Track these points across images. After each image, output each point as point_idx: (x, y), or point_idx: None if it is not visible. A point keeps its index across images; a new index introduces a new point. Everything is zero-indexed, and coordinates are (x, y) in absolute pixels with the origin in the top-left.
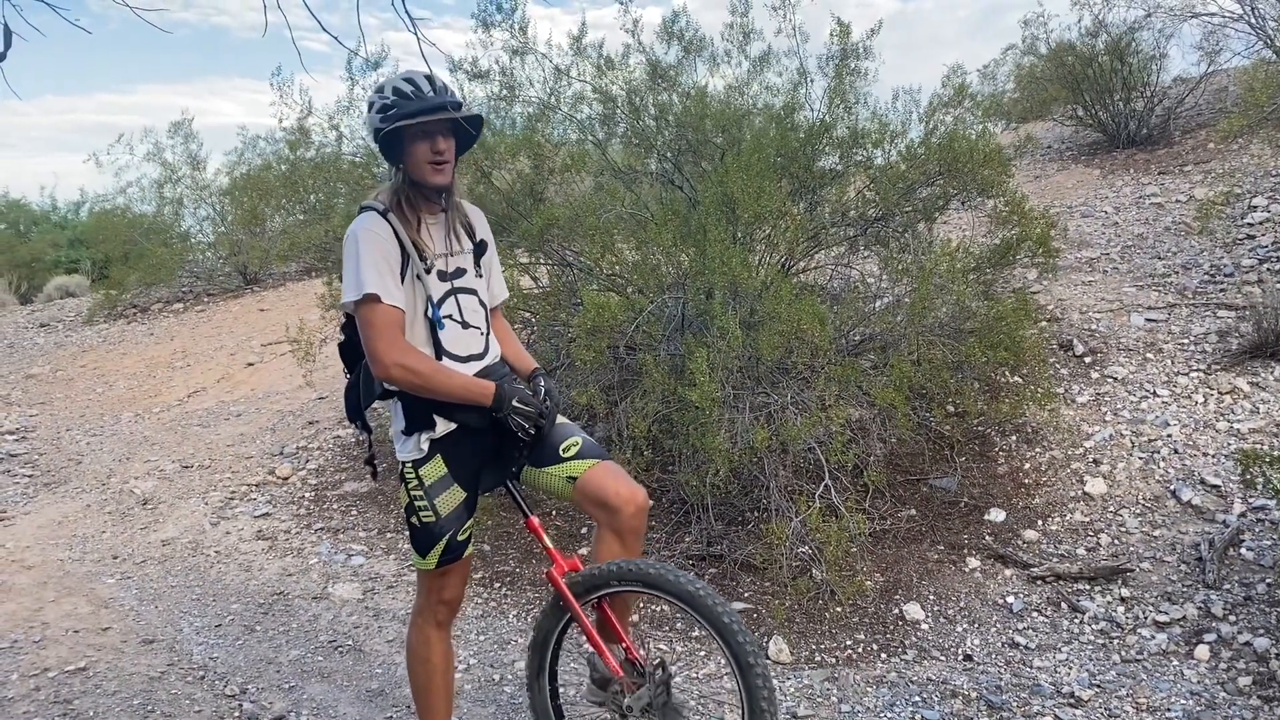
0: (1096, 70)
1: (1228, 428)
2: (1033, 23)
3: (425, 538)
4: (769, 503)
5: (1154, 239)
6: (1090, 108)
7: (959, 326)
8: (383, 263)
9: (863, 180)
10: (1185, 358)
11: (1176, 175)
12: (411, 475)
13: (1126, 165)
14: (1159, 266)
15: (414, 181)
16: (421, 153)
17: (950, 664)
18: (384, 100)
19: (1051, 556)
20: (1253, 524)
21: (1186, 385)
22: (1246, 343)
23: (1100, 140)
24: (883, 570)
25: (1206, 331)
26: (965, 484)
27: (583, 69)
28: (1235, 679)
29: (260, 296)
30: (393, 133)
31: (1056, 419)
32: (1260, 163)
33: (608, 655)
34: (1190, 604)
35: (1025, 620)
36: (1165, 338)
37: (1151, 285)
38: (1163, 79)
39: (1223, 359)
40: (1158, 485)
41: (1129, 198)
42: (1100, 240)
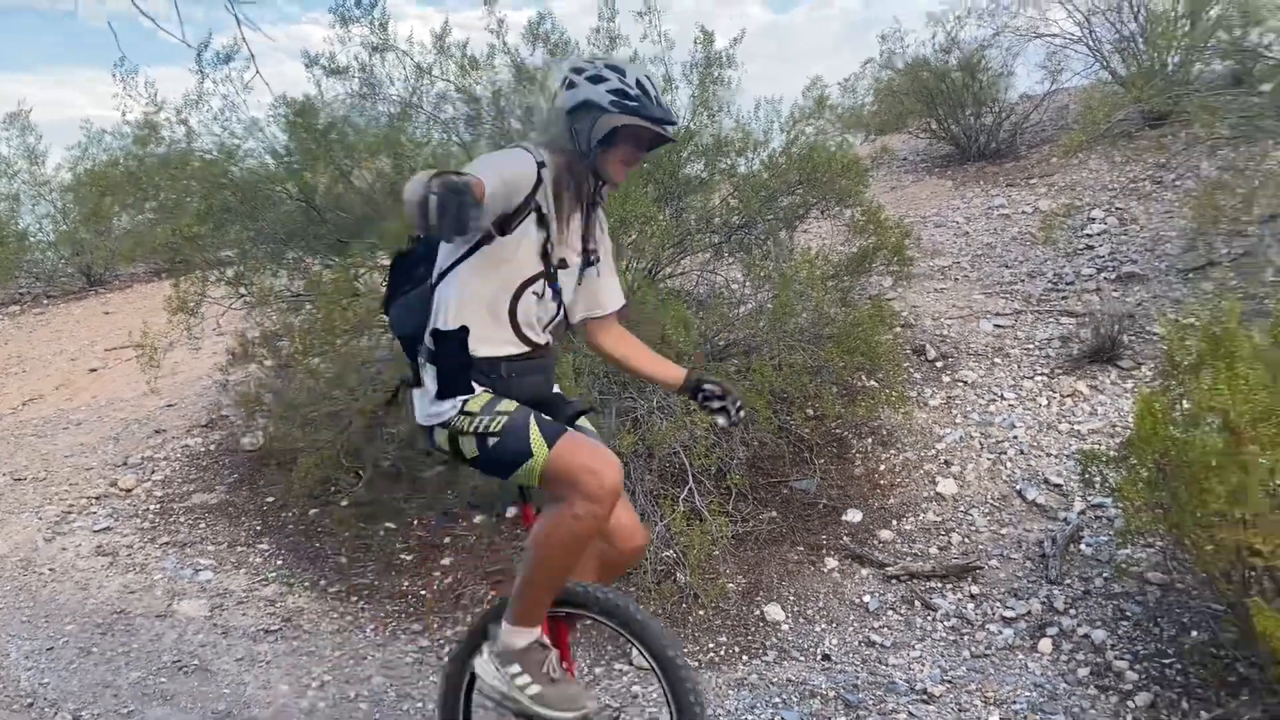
0: (949, 86)
1: (1069, 429)
2: (890, 38)
3: (513, 437)
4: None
5: (1002, 248)
6: (943, 122)
7: (818, 332)
8: (506, 190)
9: (727, 188)
10: (1030, 362)
11: (1022, 188)
12: (460, 417)
13: (977, 177)
14: (1006, 275)
15: (594, 169)
16: (625, 153)
17: (809, 664)
18: (625, 86)
19: (906, 556)
20: (1091, 521)
21: (1031, 389)
22: (1086, 348)
23: (953, 153)
24: (745, 572)
25: (1050, 337)
26: (824, 485)
27: (446, 68)
28: (1075, 670)
29: (105, 299)
30: (598, 117)
31: (910, 421)
32: (1098, 177)
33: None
34: (1035, 599)
35: (881, 619)
36: (1012, 343)
37: (999, 293)
38: (1010, 96)
39: (1064, 363)
40: (1005, 485)
41: (979, 209)
42: (952, 249)
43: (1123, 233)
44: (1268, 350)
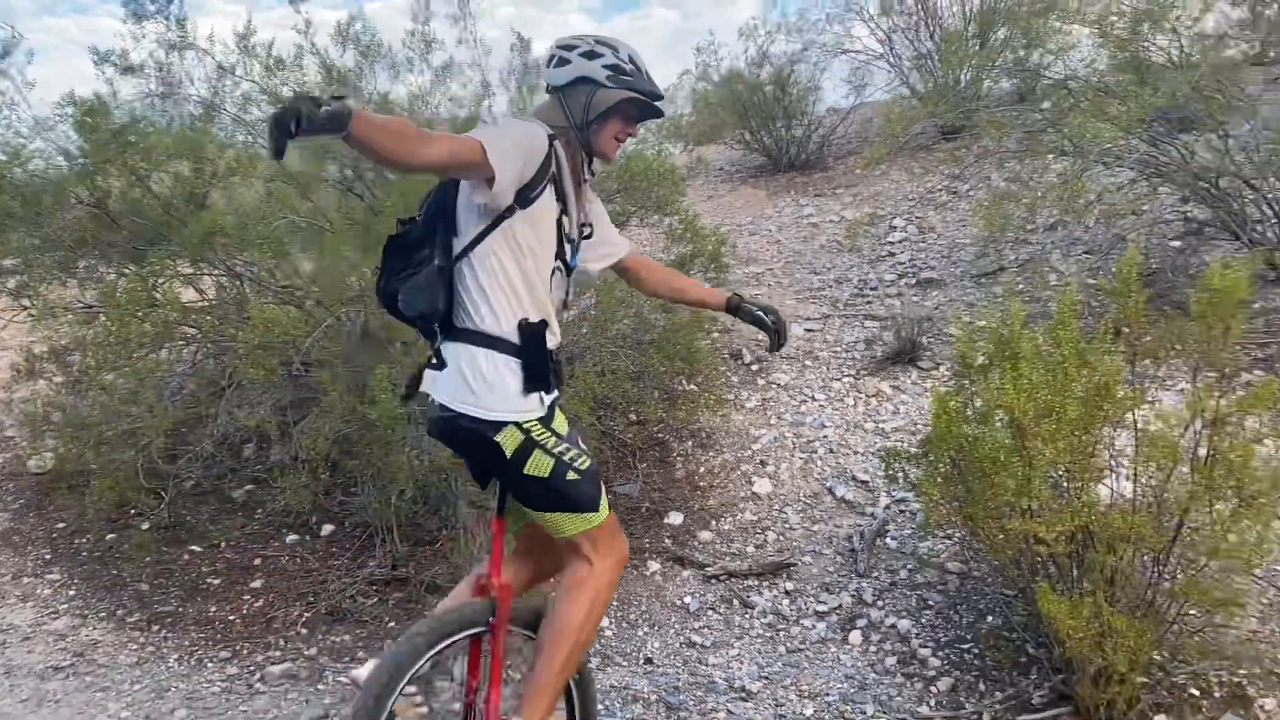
0: (762, 98)
1: (874, 428)
2: (705, 50)
3: (591, 485)
4: (457, 520)
5: (811, 255)
6: (756, 133)
7: (640, 338)
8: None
9: None
10: (838, 364)
11: (830, 197)
12: (544, 433)
13: (788, 187)
14: (815, 281)
15: (586, 144)
16: (617, 129)
17: (632, 668)
18: (619, 61)
19: (725, 555)
20: (896, 515)
21: (840, 389)
22: (889, 350)
23: (766, 163)
24: None
25: (856, 340)
26: (646, 489)
27: (250, 68)
28: (883, 660)
29: None
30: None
31: (728, 424)
32: (899, 187)
33: (499, 692)
34: (845, 593)
35: (701, 619)
36: (821, 346)
37: (809, 298)
38: (818, 109)
39: (869, 365)
40: (816, 483)
41: (790, 217)
42: (765, 256)
43: (921, 240)
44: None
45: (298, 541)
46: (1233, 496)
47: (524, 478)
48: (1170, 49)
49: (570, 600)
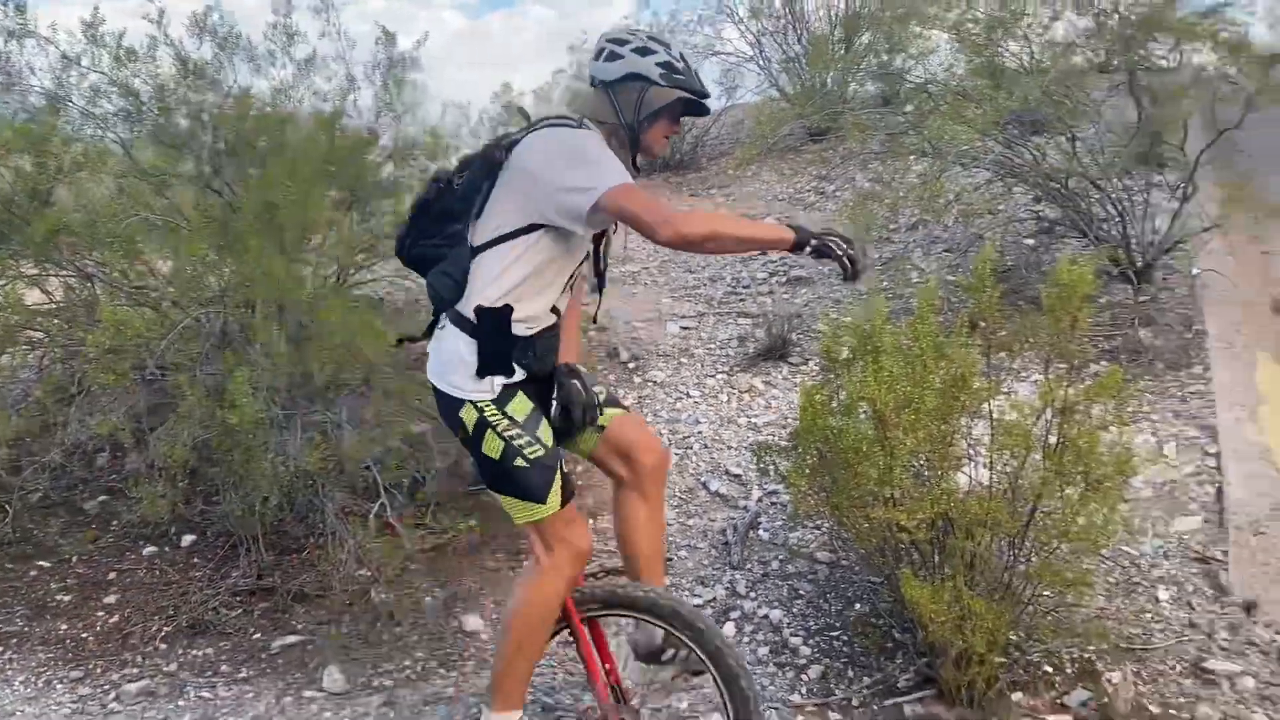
0: None
1: (747, 423)
2: (578, 49)
3: (540, 476)
4: (325, 527)
5: (687, 254)
6: None
7: None
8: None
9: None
10: (713, 361)
11: (703, 197)
12: (497, 415)
13: (663, 187)
14: (691, 279)
15: (635, 142)
16: (666, 128)
17: None
18: (671, 59)
19: (602, 553)
20: (768, 507)
21: (714, 386)
22: (760, 346)
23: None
24: (443, 585)
25: (729, 337)
26: None
27: (99, 59)
28: (756, 650)
29: None
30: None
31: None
32: (769, 187)
33: (600, 678)
34: (719, 585)
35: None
36: (696, 344)
37: (685, 296)
38: None
39: (742, 361)
40: (691, 478)
41: None
42: (642, 255)
43: None
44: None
45: (156, 553)
46: (1081, 481)
47: (481, 456)
48: (1022, 55)
49: (516, 591)
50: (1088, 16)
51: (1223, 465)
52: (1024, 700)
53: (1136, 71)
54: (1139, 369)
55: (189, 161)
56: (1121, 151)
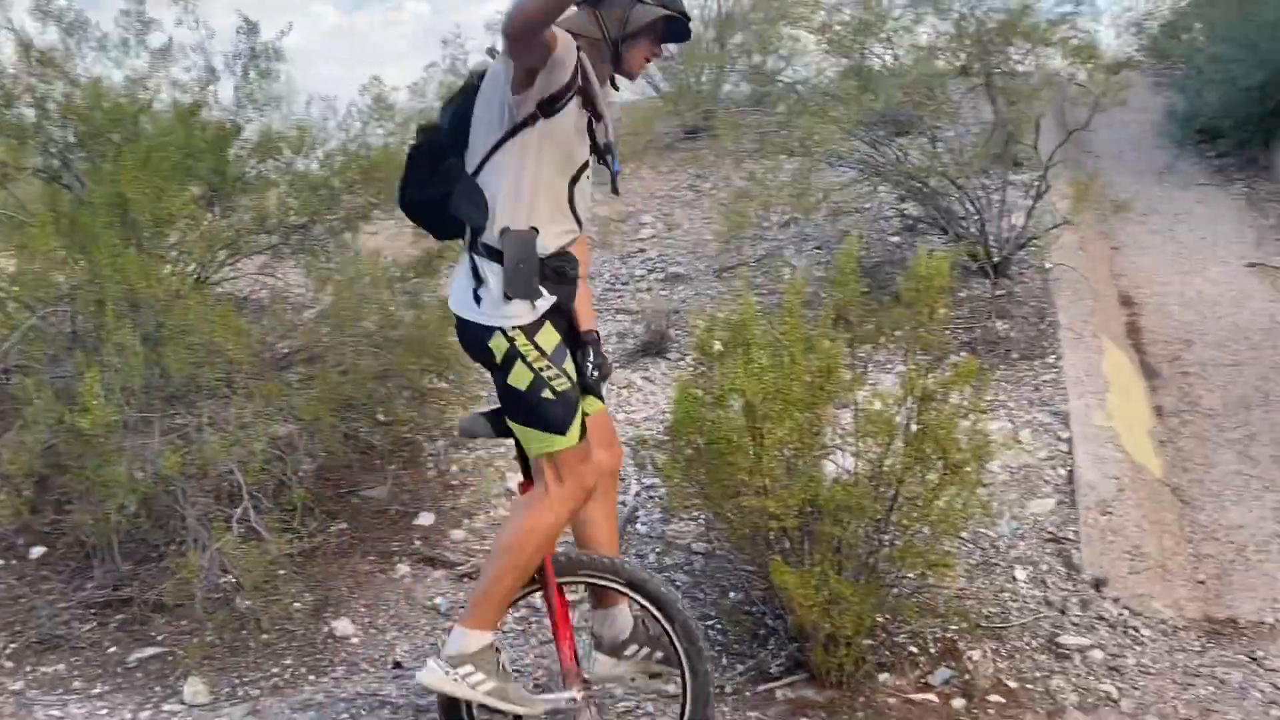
0: None
1: (625, 418)
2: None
3: (564, 409)
4: (186, 533)
5: None
6: None
7: (387, 335)
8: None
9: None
10: None
11: None
12: (527, 345)
13: None
14: None
15: (616, 61)
16: (648, 48)
17: (380, 674)
18: None
19: (478, 553)
20: (646, 501)
21: None
22: (639, 342)
23: None
24: (312, 589)
25: (609, 334)
26: (396, 491)
27: None
28: None
29: None
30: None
31: None
32: (647, 185)
33: (567, 640)
34: None
35: (452, 619)
36: None
37: None
38: None
39: (621, 357)
40: None
41: None
42: None
43: (669, 236)
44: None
45: (2, 567)
46: (940, 467)
47: (507, 387)
48: (885, 57)
49: (519, 515)
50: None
51: (1074, 449)
52: (890, 680)
53: (993, 74)
54: (996, 359)
55: (35, 154)
56: (979, 151)
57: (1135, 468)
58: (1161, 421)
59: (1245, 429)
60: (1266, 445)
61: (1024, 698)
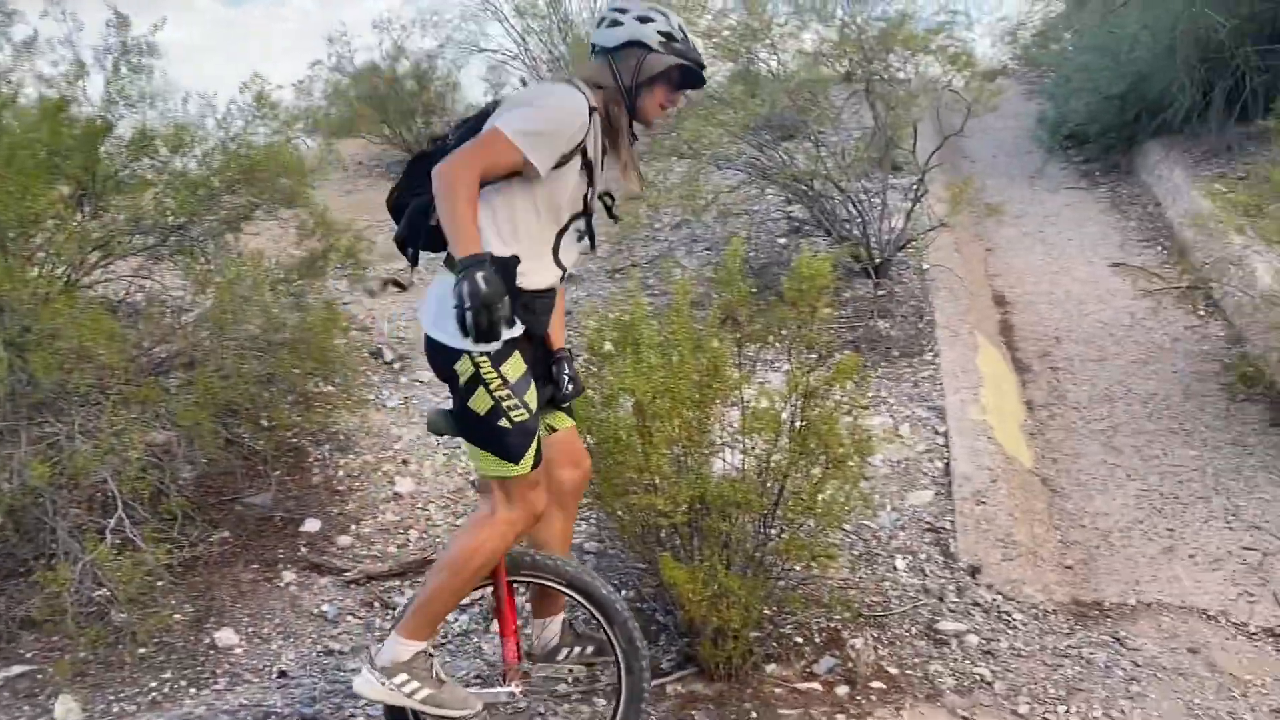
0: (399, 93)
1: None
2: (337, 41)
3: (520, 439)
4: (57, 546)
5: None
6: (395, 128)
7: (271, 339)
8: (558, 136)
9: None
10: None
11: None
12: (491, 372)
13: None
14: None
15: (631, 109)
16: (663, 96)
17: (264, 684)
18: (670, 29)
19: (364, 559)
20: None
21: None
22: None
23: (407, 159)
24: (193, 600)
25: None
26: (280, 498)
27: None
28: None
29: None
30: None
31: (368, 424)
32: None
33: (513, 640)
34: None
35: (340, 626)
36: None
37: None
38: (458, 106)
39: None
40: (459, 478)
41: None
42: None
43: None
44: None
45: None
46: (824, 461)
47: (465, 409)
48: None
49: (467, 533)
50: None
51: (950, 442)
52: (777, 671)
53: (873, 81)
54: (878, 356)
55: None
56: (860, 156)
57: (1008, 459)
58: (1032, 415)
59: (1109, 421)
60: (1129, 436)
61: (904, 683)
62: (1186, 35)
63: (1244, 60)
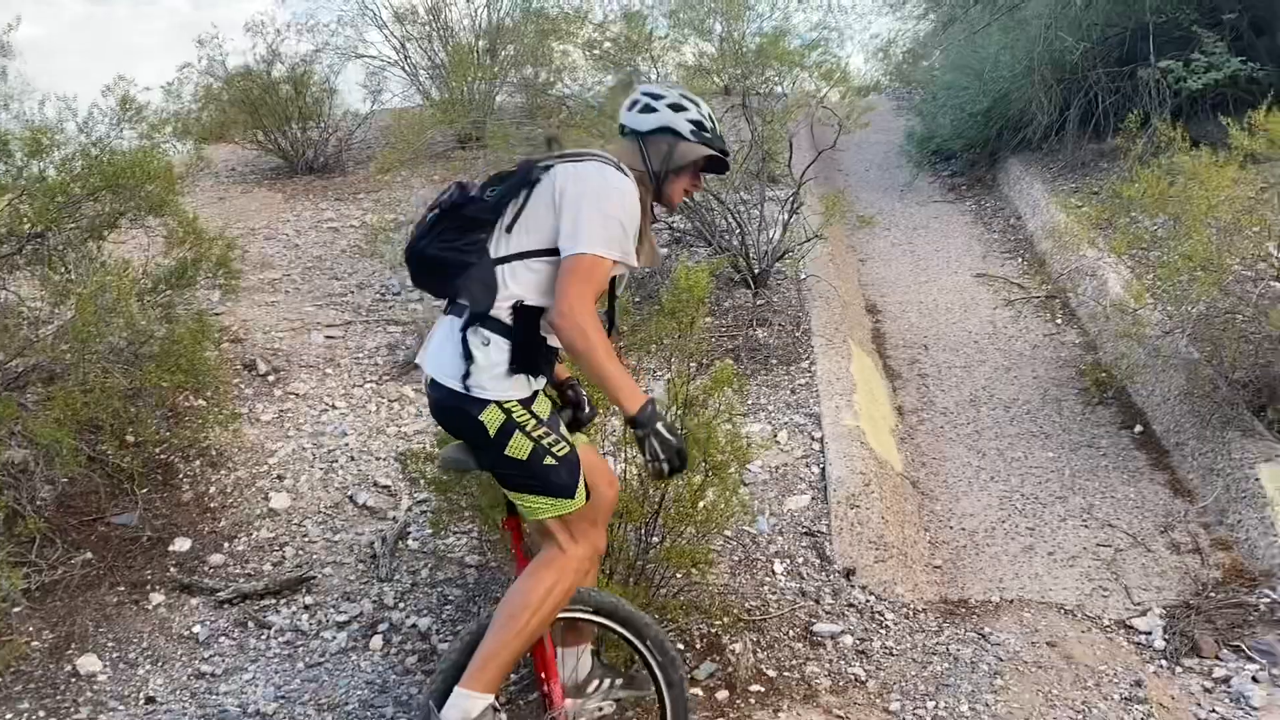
0: (275, 98)
1: (396, 432)
2: (208, 43)
3: (569, 473)
4: None
5: (332, 261)
6: (270, 134)
7: (137, 351)
8: (631, 227)
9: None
10: (360, 371)
11: (350, 202)
12: (525, 415)
13: (307, 191)
14: (337, 287)
15: (657, 193)
16: (688, 182)
17: (131, 712)
18: (701, 118)
19: (238, 577)
20: (418, 516)
21: (362, 396)
22: (411, 354)
23: (282, 166)
24: (53, 626)
25: (379, 345)
26: (148, 516)
27: None
28: (403, 660)
29: None
30: (677, 144)
31: (241, 439)
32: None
33: (557, 682)
34: (366, 599)
35: (212, 647)
36: (343, 353)
37: (330, 304)
38: (336, 112)
39: (392, 370)
40: (337, 492)
41: (309, 221)
42: (283, 262)
43: None
44: None
45: None
46: (703, 468)
47: (503, 458)
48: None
49: (535, 577)
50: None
51: (826, 448)
52: None
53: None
54: (757, 365)
55: None
56: (738, 168)
57: (880, 463)
58: (903, 420)
59: (974, 425)
60: (992, 440)
61: (782, 685)
62: (1043, 57)
63: (1096, 82)
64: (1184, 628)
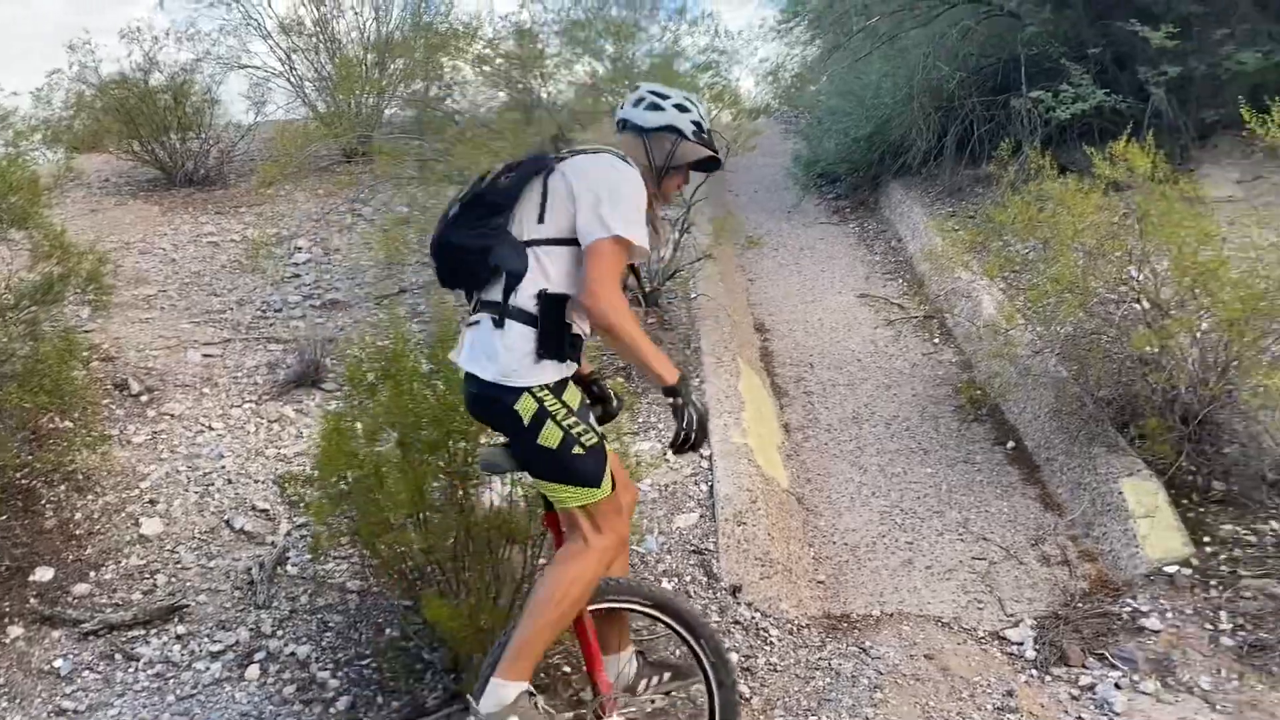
0: (152, 107)
1: (276, 454)
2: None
3: (595, 462)
4: None
5: (211, 276)
6: (147, 144)
7: None
8: (644, 213)
9: None
10: (239, 390)
11: (231, 216)
12: (556, 404)
13: (185, 204)
14: (216, 303)
15: (655, 185)
16: (681, 179)
17: None
18: (701, 120)
19: (105, 607)
20: (297, 541)
21: (240, 416)
22: (292, 373)
23: (160, 177)
24: None
25: (258, 364)
26: (6, 545)
27: None
28: (281, 689)
29: None
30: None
31: (110, 462)
32: (303, 208)
33: (600, 667)
34: (243, 627)
35: (75, 682)
36: (221, 372)
37: (208, 321)
38: (217, 123)
39: (272, 389)
40: (213, 517)
41: (188, 235)
42: (159, 277)
43: (326, 261)
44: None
45: None
46: None
47: (535, 447)
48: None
49: (561, 567)
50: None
51: (714, 465)
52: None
53: None
54: (648, 383)
55: None
56: None
57: (766, 480)
58: (789, 437)
59: (857, 441)
60: (874, 456)
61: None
62: (922, 85)
63: (971, 110)
64: (1053, 637)
